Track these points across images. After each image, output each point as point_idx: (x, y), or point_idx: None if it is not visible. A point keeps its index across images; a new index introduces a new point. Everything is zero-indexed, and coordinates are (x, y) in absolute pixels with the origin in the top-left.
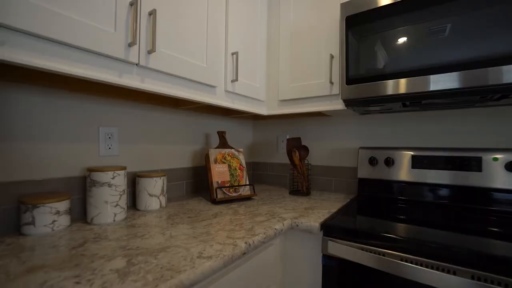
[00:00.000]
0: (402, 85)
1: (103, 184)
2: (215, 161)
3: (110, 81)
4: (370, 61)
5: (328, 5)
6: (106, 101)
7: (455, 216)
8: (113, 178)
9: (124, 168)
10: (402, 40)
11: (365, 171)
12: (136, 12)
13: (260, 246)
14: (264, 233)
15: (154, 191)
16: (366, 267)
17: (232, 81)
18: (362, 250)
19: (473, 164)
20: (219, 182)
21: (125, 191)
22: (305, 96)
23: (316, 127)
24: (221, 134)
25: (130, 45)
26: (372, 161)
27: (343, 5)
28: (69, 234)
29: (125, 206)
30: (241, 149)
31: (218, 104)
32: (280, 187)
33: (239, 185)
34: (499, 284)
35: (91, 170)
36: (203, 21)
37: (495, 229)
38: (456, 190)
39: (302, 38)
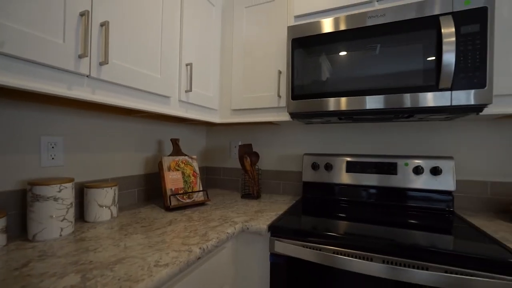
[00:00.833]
0: (342, 103)
1: (48, 198)
2: (169, 169)
3: (58, 93)
4: (313, 80)
5: (277, 25)
6: (50, 109)
7: (377, 212)
8: (59, 191)
9: (71, 180)
10: (340, 63)
11: (308, 175)
12: (87, 23)
13: (214, 250)
14: (217, 238)
15: (104, 202)
16: (307, 261)
17: (186, 91)
18: (304, 247)
19: (391, 168)
20: (173, 189)
21: (73, 204)
22: (256, 106)
23: (266, 135)
24: (175, 142)
25: (80, 56)
26: (315, 166)
27: (289, 28)
28: (6, 254)
29: (72, 220)
30: (194, 156)
31: (172, 113)
32: (233, 190)
33: (192, 192)
34: (406, 266)
35: (33, 183)
36: (157, 33)
37: (405, 221)
38: (380, 190)
39: (254, 52)
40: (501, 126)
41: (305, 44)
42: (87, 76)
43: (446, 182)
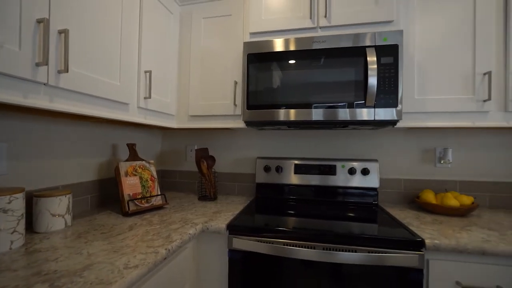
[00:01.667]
0: (291, 114)
1: None
2: (126, 174)
3: (12, 102)
4: (266, 92)
5: (233, 39)
6: None
7: (319, 208)
8: (9, 203)
9: (22, 189)
10: (290, 79)
11: (261, 177)
12: (45, 31)
13: (178, 250)
14: (181, 239)
15: (58, 211)
16: (261, 254)
17: (145, 98)
18: (258, 241)
19: (331, 170)
20: (131, 194)
21: (24, 215)
22: (213, 113)
23: (222, 139)
24: (131, 147)
25: (38, 64)
26: (267, 169)
27: (245, 44)
28: None
29: (23, 231)
30: (152, 161)
31: (131, 120)
32: (189, 193)
33: (151, 196)
34: (340, 250)
35: None
36: (117, 40)
37: (341, 214)
38: (322, 189)
39: (212, 62)
40: (411, 135)
41: (259, 60)
42: (44, 84)
43: (372, 181)
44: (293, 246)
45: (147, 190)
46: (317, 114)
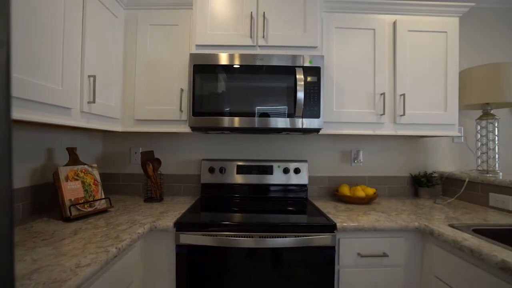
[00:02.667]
0: (233, 121)
1: None
2: (67, 179)
3: None
4: (211, 100)
5: (180, 48)
6: None
7: (259, 203)
8: None
9: None
10: (233, 90)
11: (206, 178)
12: None
13: (128, 248)
14: (130, 238)
15: None
16: (206, 246)
17: (89, 102)
18: (203, 235)
19: (269, 170)
20: (72, 199)
21: None
22: (160, 118)
23: (168, 142)
24: (72, 151)
25: None
26: (211, 170)
27: (191, 55)
28: None
29: None
30: (95, 165)
31: (73, 124)
32: (134, 195)
33: (94, 200)
34: (273, 237)
35: None
36: (58, 45)
37: (277, 208)
38: (261, 187)
39: (158, 69)
40: (333, 140)
41: (205, 71)
42: None
43: (303, 178)
44: (234, 237)
45: (90, 194)
46: (256, 122)
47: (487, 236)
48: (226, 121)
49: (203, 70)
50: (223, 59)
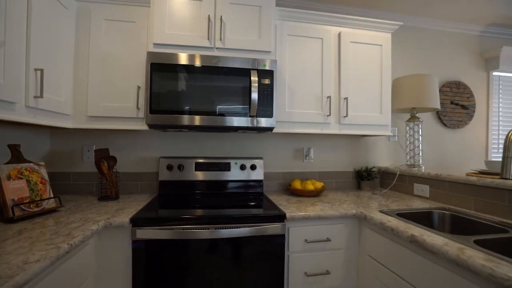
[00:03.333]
0: (191, 119)
1: None
2: (9, 178)
3: None
4: (169, 99)
5: (137, 46)
6: None
7: (217, 199)
8: None
9: None
10: (191, 89)
11: (164, 175)
12: None
13: (80, 245)
14: (83, 234)
15: None
16: (163, 240)
17: (35, 97)
18: (160, 229)
19: (226, 166)
20: (16, 199)
21: None
22: (115, 115)
23: (124, 139)
24: (14, 148)
25: None
26: (169, 167)
27: (148, 53)
28: None
29: None
30: (42, 163)
31: (17, 120)
32: (87, 195)
33: (41, 200)
34: (229, 228)
35: None
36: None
37: (234, 203)
38: (219, 183)
39: (114, 65)
40: (287, 138)
41: (163, 69)
42: None
43: (259, 174)
44: (191, 229)
45: (36, 194)
46: (213, 120)
47: (406, 218)
48: (183, 119)
49: (161, 68)
50: (181, 59)
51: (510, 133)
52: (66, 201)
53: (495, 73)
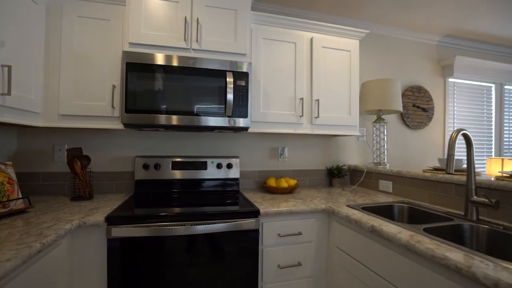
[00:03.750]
0: (170, 119)
1: None
2: None
3: None
4: (145, 98)
5: (112, 45)
6: None
7: (193, 197)
8: None
9: None
10: (168, 89)
11: (140, 174)
12: None
13: (53, 244)
14: (56, 234)
15: None
16: (140, 237)
17: (2, 94)
18: (136, 227)
19: (203, 165)
20: None
21: None
22: (89, 114)
23: (99, 138)
24: None
25: None
26: (145, 166)
27: (124, 53)
28: None
29: None
30: (9, 162)
31: None
32: (58, 195)
33: (9, 200)
34: (205, 224)
35: None
36: None
37: (211, 200)
38: (196, 181)
39: (88, 63)
40: (262, 138)
41: (139, 69)
42: None
43: (235, 173)
44: (167, 226)
45: (3, 194)
46: (189, 120)
47: (370, 212)
48: (160, 119)
49: (137, 68)
50: (157, 59)
51: (453, 133)
52: (36, 202)
53: (450, 80)
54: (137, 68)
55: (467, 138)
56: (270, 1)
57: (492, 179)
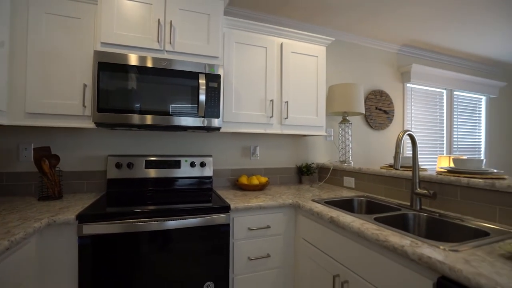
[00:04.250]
0: (143, 118)
1: None
2: None
3: None
4: (117, 97)
5: (83, 43)
6: None
7: (167, 195)
8: None
9: None
10: (141, 89)
11: (112, 173)
12: None
13: (22, 242)
14: (25, 232)
15: None
16: (112, 234)
17: None
18: (108, 224)
19: (177, 164)
20: None
21: None
22: (59, 112)
23: (69, 137)
24: None
25: None
26: (118, 165)
27: (96, 52)
28: None
29: None
30: None
31: None
32: (24, 196)
33: None
34: (178, 219)
35: None
36: None
37: (184, 198)
38: (170, 180)
39: (57, 61)
40: (235, 137)
41: (111, 69)
42: None
43: (208, 171)
44: (140, 222)
45: None
46: (163, 120)
47: (332, 205)
48: (133, 118)
49: (109, 68)
50: (130, 60)
51: (400, 134)
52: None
53: (408, 85)
54: (110, 68)
55: (412, 138)
56: (243, 6)
57: (433, 173)
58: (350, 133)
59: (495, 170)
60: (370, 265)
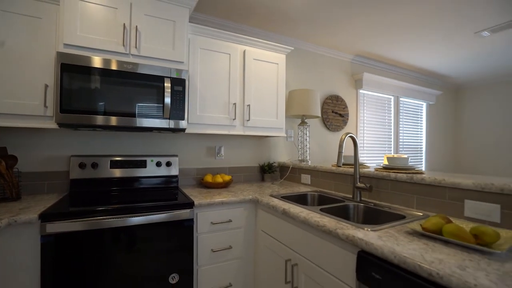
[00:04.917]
0: (107, 119)
1: None
2: None
3: None
4: (81, 99)
5: (45, 44)
6: None
7: (132, 194)
8: None
9: None
10: (104, 90)
11: (76, 173)
12: None
13: None
14: None
15: None
16: (76, 232)
17: None
18: (72, 222)
19: (143, 164)
20: None
21: None
22: (17, 112)
23: (28, 138)
24: None
25: None
26: (82, 166)
27: (58, 53)
28: None
29: None
30: None
31: None
32: None
33: None
34: (143, 216)
35: None
36: None
37: (150, 197)
38: (136, 179)
39: (16, 60)
40: (200, 138)
41: (75, 71)
42: None
43: (174, 170)
44: (104, 219)
45: None
46: (128, 121)
47: (288, 199)
48: (97, 119)
49: (72, 69)
50: (95, 62)
51: (343, 136)
52: None
53: (361, 91)
54: (73, 70)
55: (353, 140)
56: (209, 13)
57: (372, 170)
58: (308, 134)
59: (416, 167)
60: (314, 248)
